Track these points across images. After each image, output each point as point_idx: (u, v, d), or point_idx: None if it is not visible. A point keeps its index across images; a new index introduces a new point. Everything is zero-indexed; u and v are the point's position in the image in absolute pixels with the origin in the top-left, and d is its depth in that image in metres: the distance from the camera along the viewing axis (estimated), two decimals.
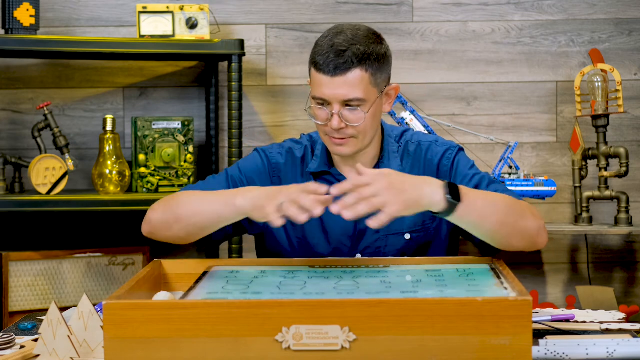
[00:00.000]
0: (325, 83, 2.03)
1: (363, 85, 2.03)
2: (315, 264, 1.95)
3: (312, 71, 2.07)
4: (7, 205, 2.93)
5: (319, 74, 2.04)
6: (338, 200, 1.78)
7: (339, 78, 2.02)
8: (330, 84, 2.02)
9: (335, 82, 2.02)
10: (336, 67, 2.01)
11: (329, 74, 2.02)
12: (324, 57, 2.03)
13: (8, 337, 1.73)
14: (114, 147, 3.05)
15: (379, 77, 2.07)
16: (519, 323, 1.44)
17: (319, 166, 2.16)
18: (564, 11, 3.34)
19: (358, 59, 2.02)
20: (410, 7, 3.32)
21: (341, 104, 2.03)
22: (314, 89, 2.06)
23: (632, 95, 3.33)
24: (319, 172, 2.16)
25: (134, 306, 1.48)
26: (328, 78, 2.02)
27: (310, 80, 2.10)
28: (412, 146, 2.18)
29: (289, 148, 2.22)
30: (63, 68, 3.29)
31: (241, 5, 3.31)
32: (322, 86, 2.03)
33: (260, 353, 1.46)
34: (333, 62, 2.01)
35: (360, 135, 2.06)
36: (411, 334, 1.45)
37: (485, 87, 3.34)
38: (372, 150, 2.15)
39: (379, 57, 2.06)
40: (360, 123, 2.04)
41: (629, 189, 3.29)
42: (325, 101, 2.04)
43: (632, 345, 1.60)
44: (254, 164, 2.20)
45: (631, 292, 3.36)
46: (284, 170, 2.19)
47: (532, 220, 1.97)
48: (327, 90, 2.03)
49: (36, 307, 2.98)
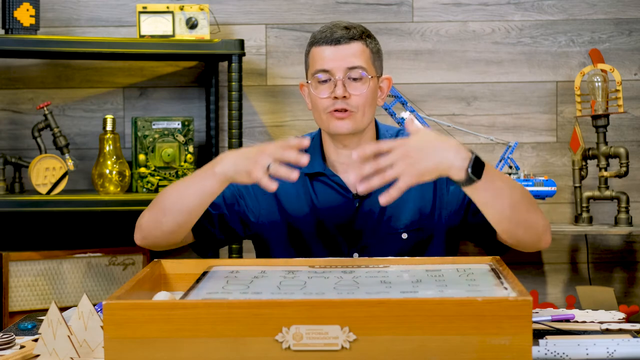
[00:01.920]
0: (329, 53, 2.08)
1: (365, 57, 2.09)
2: (315, 264, 1.95)
3: (312, 51, 2.11)
4: (7, 205, 2.93)
5: (321, 47, 2.09)
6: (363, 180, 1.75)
7: (343, 46, 2.08)
8: (335, 53, 2.07)
9: (339, 50, 2.07)
10: (341, 37, 2.08)
11: (332, 43, 2.08)
12: (325, 34, 2.09)
13: (8, 337, 1.73)
14: (114, 147, 3.05)
15: (377, 61, 2.13)
16: (519, 323, 1.44)
17: (313, 167, 2.14)
18: (564, 11, 3.34)
19: (360, 34, 2.10)
20: (410, 7, 3.32)
21: (345, 73, 2.07)
22: (316, 63, 2.09)
23: (632, 95, 3.33)
24: (313, 174, 2.16)
25: (134, 306, 1.48)
26: (331, 48, 2.08)
27: (308, 66, 2.13)
28: None
29: None
30: (63, 68, 3.29)
31: (241, 5, 3.31)
32: (325, 57, 2.08)
33: (260, 353, 1.46)
34: (337, 33, 2.08)
35: (360, 111, 2.08)
36: (411, 334, 1.45)
37: (485, 87, 3.34)
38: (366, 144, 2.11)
39: (376, 44, 2.15)
40: (363, 92, 2.07)
41: (629, 189, 3.29)
42: (327, 72, 2.07)
43: (632, 345, 1.60)
44: None
45: (631, 292, 3.36)
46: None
47: (541, 217, 1.97)
48: (330, 60, 2.07)
49: (36, 307, 2.98)
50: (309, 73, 2.13)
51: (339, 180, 2.14)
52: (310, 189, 2.16)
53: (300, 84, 2.19)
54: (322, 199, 2.15)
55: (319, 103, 2.09)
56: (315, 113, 2.12)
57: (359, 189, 1.75)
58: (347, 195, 2.14)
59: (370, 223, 2.13)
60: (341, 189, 2.14)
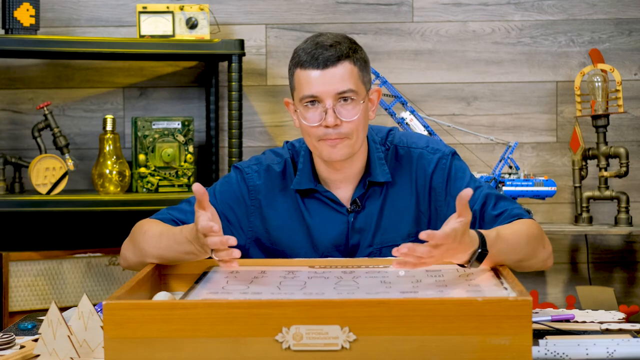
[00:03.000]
0: (316, 78, 1.95)
1: (354, 78, 1.97)
2: (315, 264, 1.94)
3: (297, 73, 1.99)
4: (7, 205, 2.93)
5: (306, 71, 1.96)
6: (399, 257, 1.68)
7: (330, 70, 1.95)
8: (322, 78, 1.95)
9: (326, 75, 1.95)
10: (326, 60, 1.95)
11: (318, 67, 1.95)
12: (310, 55, 1.96)
13: (8, 337, 1.73)
14: (114, 147, 3.05)
15: (365, 77, 2.02)
16: (519, 323, 1.44)
17: (304, 183, 2.07)
18: (564, 11, 3.34)
19: (346, 52, 1.97)
20: (410, 7, 3.32)
21: (334, 99, 1.96)
22: (303, 88, 1.98)
23: (632, 95, 3.33)
24: (304, 190, 2.08)
25: (134, 306, 1.48)
26: (318, 72, 1.95)
27: (293, 88, 2.02)
28: (402, 151, 2.10)
29: (267, 166, 2.11)
30: (63, 68, 3.29)
31: (241, 5, 3.31)
32: (312, 82, 1.96)
33: (260, 353, 1.46)
34: (322, 55, 1.95)
35: (354, 135, 1.98)
36: (411, 334, 1.45)
37: (485, 87, 3.34)
38: (359, 160, 2.06)
39: (363, 57, 2.02)
40: (355, 117, 1.97)
41: (629, 189, 3.29)
42: (316, 99, 1.97)
43: (632, 345, 1.60)
44: (230, 190, 2.11)
45: (631, 292, 3.36)
46: (263, 191, 2.10)
47: (547, 248, 1.98)
48: (318, 85, 1.95)
49: (36, 307, 2.98)
50: (295, 95, 2.02)
51: (332, 195, 2.07)
52: (302, 205, 2.09)
53: (286, 101, 2.08)
54: (314, 215, 2.08)
55: (308, 130, 1.99)
56: (306, 137, 2.02)
57: (394, 266, 1.70)
58: (340, 210, 2.07)
59: (366, 237, 2.07)
60: (334, 204, 2.07)
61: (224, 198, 2.10)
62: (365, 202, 2.07)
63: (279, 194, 2.10)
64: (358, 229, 2.07)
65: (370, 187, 2.07)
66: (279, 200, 2.09)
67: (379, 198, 2.08)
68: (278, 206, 2.09)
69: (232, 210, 2.09)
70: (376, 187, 2.07)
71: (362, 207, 2.07)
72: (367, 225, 2.07)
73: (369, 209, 2.07)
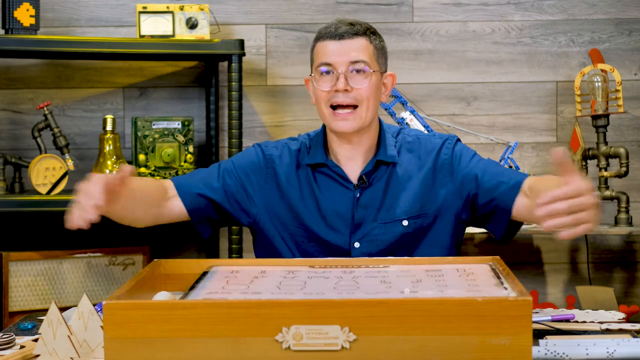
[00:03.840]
0: (332, 47, 2.11)
1: (368, 52, 2.12)
2: (315, 264, 1.95)
3: (317, 46, 2.14)
4: (7, 205, 2.93)
5: (325, 42, 2.12)
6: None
7: (347, 41, 2.11)
8: (338, 47, 2.11)
9: (342, 45, 2.11)
10: (345, 32, 2.11)
11: (336, 38, 2.11)
12: (331, 28, 2.13)
13: (8, 337, 1.73)
14: (114, 147, 3.05)
15: (381, 58, 2.16)
16: (519, 323, 1.44)
17: (315, 158, 2.19)
18: (564, 11, 3.34)
19: (363, 31, 2.14)
20: (410, 7, 3.32)
21: (347, 66, 2.10)
22: (320, 57, 2.13)
23: (632, 95, 3.33)
24: (315, 164, 2.19)
25: (134, 306, 1.48)
26: (335, 42, 2.11)
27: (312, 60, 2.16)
28: (410, 139, 2.23)
29: (284, 143, 2.27)
30: (63, 68, 3.29)
31: (241, 5, 3.31)
32: (329, 52, 2.11)
33: (260, 353, 1.46)
34: (341, 28, 2.12)
35: (363, 105, 2.11)
36: (411, 334, 1.45)
37: (485, 87, 3.34)
38: (370, 136, 2.18)
39: (381, 42, 2.18)
40: (364, 86, 2.10)
41: (629, 189, 3.29)
42: (330, 66, 2.11)
43: (632, 345, 1.60)
44: (248, 158, 2.24)
45: (631, 292, 3.36)
46: (278, 162, 2.22)
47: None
48: (334, 54, 2.10)
49: (36, 307, 2.98)
50: (312, 67, 2.17)
51: (341, 171, 2.18)
52: (312, 179, 2.19)
53: (306, 79, 2.22)
54: (323, 189, 2.18)
55: (320, 95, 2.13)
56: (319, 107, 2.16)
57: (546, 225, 1.63)
58: (347, 186, 2.17)
59: (371, 212, 2.16)
60: (342, 179, 2.18)
61: (241, 166, 2.23)
62: (372, 179, 2.17)
63: (293, 168, 2.21)
64: (363, 204, 2.16)
65: (378, 165, 2.18)
66: (292, 173, 2.21)
67: (385, 176, 2.18)
68: (291, 178, 2.20)
69: (249, 177, 2.21)
70: (383, 166, 2.18)
71: (369, 184, 2.17)
72: (372, 202, 2.17)
73: (375, 186, 2.17)
